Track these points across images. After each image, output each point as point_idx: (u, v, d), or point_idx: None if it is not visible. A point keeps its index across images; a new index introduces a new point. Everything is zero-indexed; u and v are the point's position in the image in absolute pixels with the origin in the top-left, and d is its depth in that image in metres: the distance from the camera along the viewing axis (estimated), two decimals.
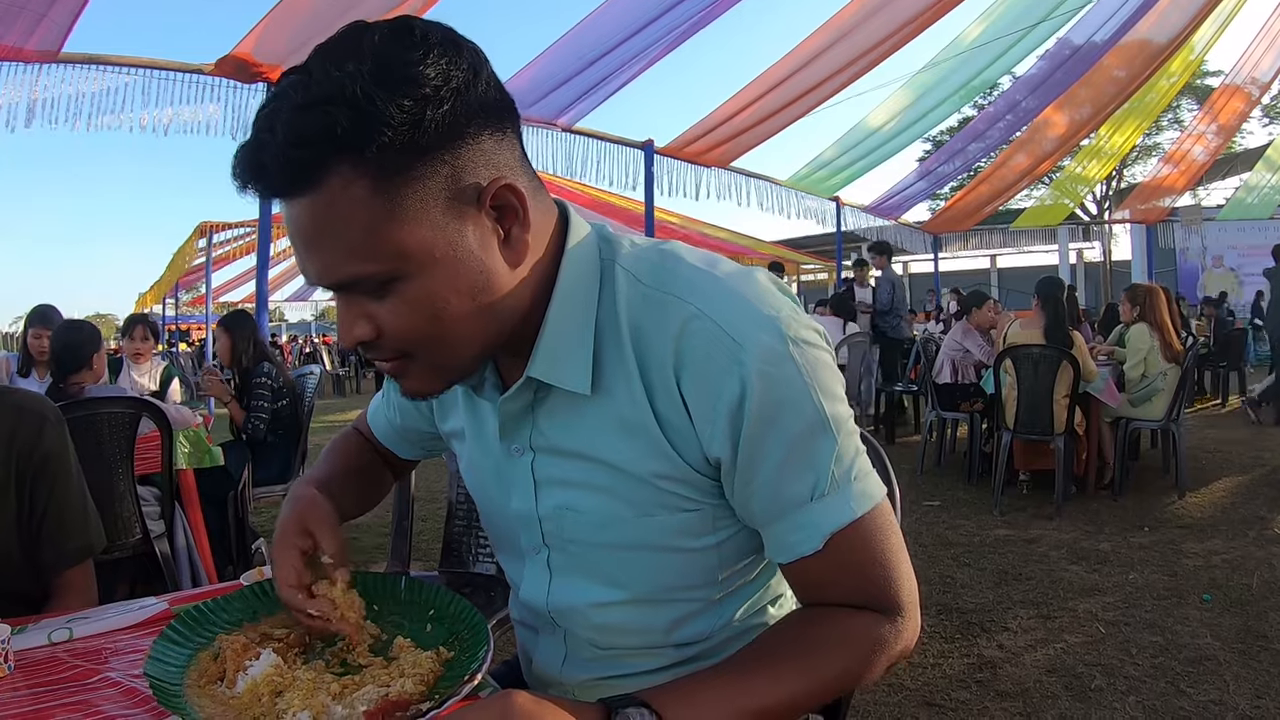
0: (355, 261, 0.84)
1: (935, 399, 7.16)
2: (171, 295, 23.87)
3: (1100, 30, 10.24)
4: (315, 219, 0.83)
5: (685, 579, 1.06)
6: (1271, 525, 5.23)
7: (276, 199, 0.84)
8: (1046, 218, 18.61)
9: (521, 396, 1.01)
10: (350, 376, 19.84)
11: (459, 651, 1.04)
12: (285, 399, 4.95)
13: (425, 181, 0.83)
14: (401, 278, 0.85)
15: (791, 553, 0.97)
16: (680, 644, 1.10)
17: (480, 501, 1.21)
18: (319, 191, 0.81)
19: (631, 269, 0.99)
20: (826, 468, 0.94)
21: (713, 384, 0.91)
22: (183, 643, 1.06)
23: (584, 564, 1.07)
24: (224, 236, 16.23)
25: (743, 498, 0.98)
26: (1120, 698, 3.08)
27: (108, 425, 3.35)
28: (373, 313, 0.88)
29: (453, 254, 0.86)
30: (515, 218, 0.90)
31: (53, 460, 1.63)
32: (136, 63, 6.05)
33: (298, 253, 0.87)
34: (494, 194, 0.87)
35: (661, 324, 0.94)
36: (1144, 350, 6.22)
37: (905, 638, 0.99)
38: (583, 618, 1.10)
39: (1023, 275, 24.30)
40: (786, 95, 9.10)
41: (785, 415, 0.92)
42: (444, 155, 0.84)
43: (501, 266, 0.91)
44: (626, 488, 1.00)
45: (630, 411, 0.96)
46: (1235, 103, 14.44)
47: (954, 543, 5.08)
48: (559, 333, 0.96)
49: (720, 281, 0.96)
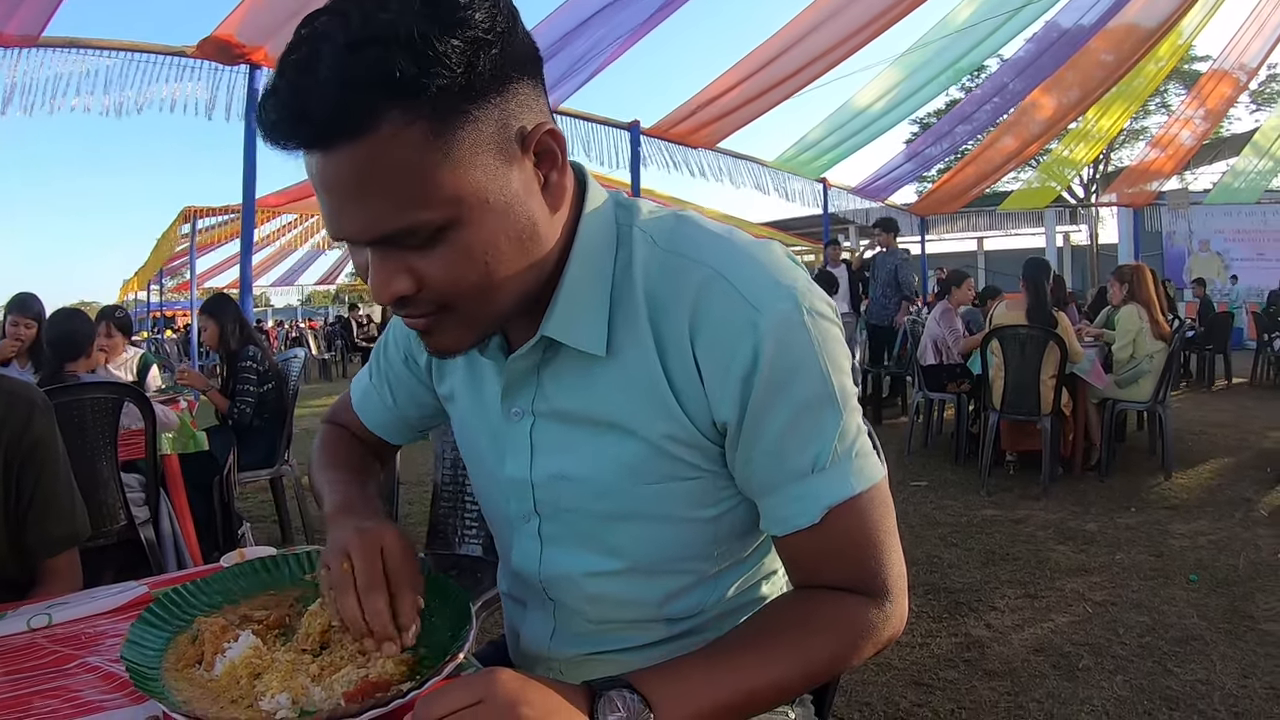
0: (409, 211, 0.80)
1: (922, 380, 7.18)
2: (156, 281, 23.74)
3: (1088, 13, 10.23)
4: (362, 168, 0.78)
5: (682, 550, 1.05)
6: (1257, 506, 5.27)
7: (315, 149, 0.79)
8: (1033, 200, 18.66)
9: (531, 356, 0.99)
10: (336, 361, 19.77)
11: (441, 631, 1.02)
12: (271, 383, 4.92)
13: (478, 126, 0.80)
14: (454, 225, 0.82)
15: (788, 524, 0.96)
16: (672, 618, 1.09)
17: (471, 465, 1.19)
18: (369, 138, 0.76)
19: (649, 231, 0.99)
20: (830, 441, 0.93)
21: (727, 346, 0.91)
22: (161, 626, 1.04)
23: (577, 533, 1.06)
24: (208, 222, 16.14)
25: (745, 464, 0.97)
26: (1108, 677, 3.09)
27: (91, 411, 3.32)
28: (415, 265, 0.84)
29: (504, 199, 0.84)
30: (554, 163, 0.90)
31: (41, 447, 1.63)
32: (117, 46, 5.99)
33: (334, 207, 0.82)
34: (537, 139, 0.86)
35: (678, 286, 0.94)
36: (1133, 331, 6.23)
37: (893, 624, 0.98)
38: (575, 588, 1.09)
39: (1010, 258, 24.31)
40: (774, 76, 9.07)
41: (795, 382, 0.91)
42: (493, 99, 0.81)
43: (544, 213, 0.90)
44: (630, 452, 0.98)
45: (642, 373, 0.95)
46: (1223, 88, 14.46)
47: (941, 523, 5.10)
48: (575, 292, 0.95)
49: (739, 247, 0.95)
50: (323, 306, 41.92)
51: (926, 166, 15.98)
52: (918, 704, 2.96)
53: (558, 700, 0.80)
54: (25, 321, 4.67)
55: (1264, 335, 12.05)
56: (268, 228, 14.36)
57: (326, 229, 0.87)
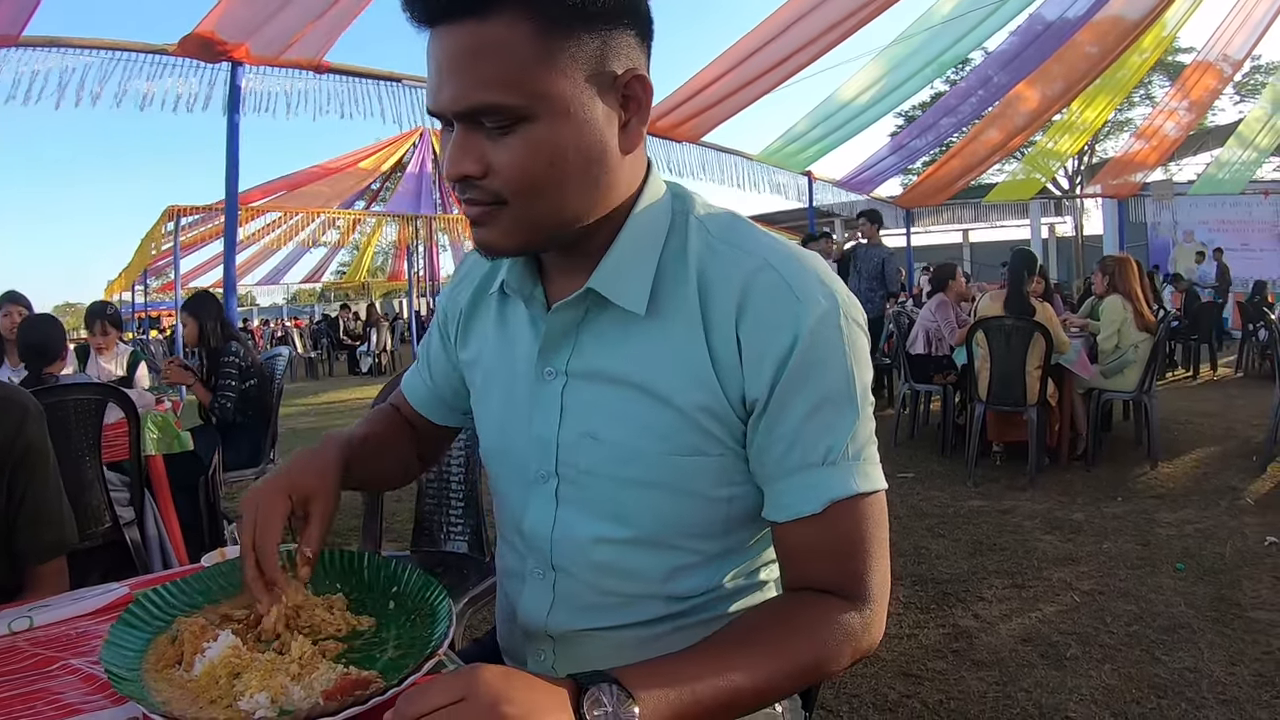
0: (498, 90, 0.89)
1: (908, 371, 7.19)
2: (140, 282, 23.60)
3: (1073, 6, 10.24)
4: (474, 44, 0.89)
5: (692, 526, 1.08)
6: (1243, 495, 5.30)
7: (440, 21, 0.91)
8: (1019, 192, 18.70)
9: (575, 308, 1.05)
10: (322, 359, 19.71)
11: (422, 627, 1.02)
12: (253, 379, 4.90)
13: (580, 46, 0.91)
14: (533, 119, 0.91)
15: (790, 511, 1.01)
16: (672, 596, 1.10)
17: (492, 427, 1.21)
18: (487, 20, 0.88)
19: (705, 222, 1.07)
20: (843, 438, 0.99)
21: (769, 330, 0.97)
22: (141, 627, 1.03)
23: (593, 497, 1.08)
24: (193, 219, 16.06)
25: (762, 445, 1.01)
26: (1096, 666, 3.10)
27: (75, 412, 3.30)
28: (487, 151, 0.93)
29: (583, 115, 0.93)
30: (636, 110, 0.99)
31: (32, 453, 1.63)
32: (99, 44, 5.97)
33: (439, 76, 0.92)
34: (627, 82, 0.96)
35: (729, 270, 1.01)
36: (1118, 322, 6.26)
37: (873, 632, 1.01)
38: (582, 555, 1.10)
39: (995, 249, 24.46)
40: (757, 68, 9.05)
41: (822, 373, 0.98)
42: (600, 30, 0.92)
43: (615, 147, 0.98)
44: (662, 419, 1.02)
45: (685, 342, 1.01)
46: (1207, 79, 14.47)
47: (928, 514, 5.12)
48: (625, 253, 1.03)
49: (790, 248, 1.03)
50: (308, 305, 41.82)
51: (912, 159, 16.02)
52: (906, 695, 2.97)
53: (541, 696, 0.79)
54: (18, 310, 4.76)
55: (1249, 325, 12.08)
56: (252, 226, 14.28)
57: (426, 101, 0.97)
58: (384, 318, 20.94)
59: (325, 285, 37.61)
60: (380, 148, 18.68)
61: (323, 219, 15.29)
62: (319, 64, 6.81)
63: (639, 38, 0.97)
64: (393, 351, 18.92)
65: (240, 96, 6.43)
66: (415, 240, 17.80)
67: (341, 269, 34.56)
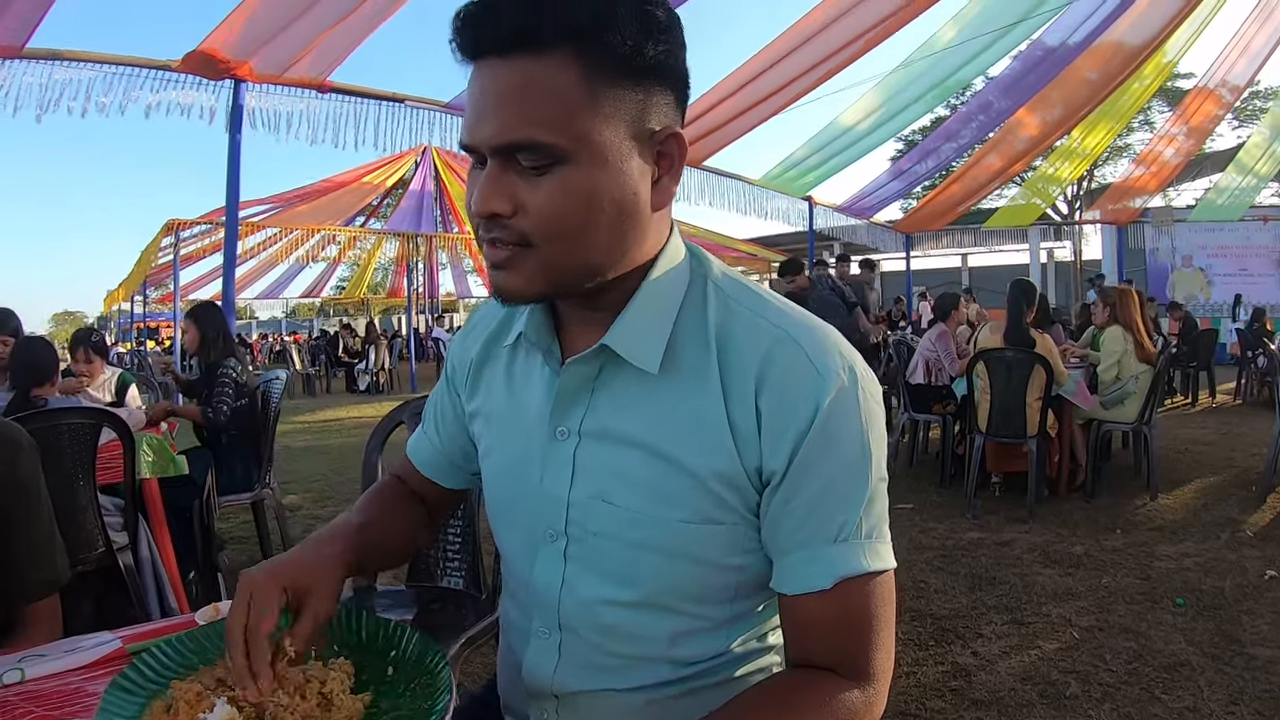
0: (544, 129, 0.89)
1: (908, 400, 7.17)
2: (140, 293, 23.64)
3: (1074, 33, 10.29)
4: (524, 80, 0.89)
5: (699, 592, 1.06)
6: (1243, 527, 5.28)
7: (491, 54, 0.90)
8: (1018, 218, 18.76)
9: (589, 364, 1.04)
10: (320, 376, 19.67)
11: (420, 698, 1.00)
12: (244, 399, 4.86)
13: (623, 98, 0.92)
14: (571, 162, 0.90)
15: (800, 585, 0.99)
16: (677, 660, 1.08)
17: (500, 480, 1.18)
18: (537, 60, 0.88)
19: (722, 286, 1.07)
20: (856, 513, 0.98)
21: (790, 404, 0.97)
22: (136, 691, 1.01)
23: (602, 558, 1.06)
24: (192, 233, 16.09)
25: (776, 517, 1.00)
26: (1095, 705, 3.08)
27: (68, 436, 3.28)
28: (519, 190, 0.92)
29: (620, 165, 0.93)
30: (669, 168, 0.99)
31: (25, 490, 1.60)
32: (102, 59, 5.98)
33: (481, 110, 0.92)
34: (664, 139, 0.97)
35: (749, 338, 1.01)
36: (1118, 353, 6.26)
37: (874, 712, 1.00)
38: (590, 615, 1.08)
39: (994, 274, 24.47)
40: (757, 93, 9.09)
41: (839, 447, 0.97)
42: (645, 86, 0.94)
43: (647, 202, 0.98)
44: (675, 484, 1.01)
45: (704, 405, 1.00)
46: (1208, 106, 14.52)
47: (927, 546, 5.09)
48: (642, 311, 1.02)
49: (808, 320, 1.03)
50: (307, 319, 41.84)
51: (912, 184, 16.06)
52: None
53: None
54: (3, 339, 4.63)
55: (1247, 352, 12.10)
56: (252, 240, 14.31)
57: (461, 135, 0.96)
58: (383, 334, 20.91)
59: (325, 300, 37.63)
60: (384, 163, 18.76)
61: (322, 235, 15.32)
62: (323, 83, 6.81)
63: (677, 99, 0.99)
64: (391, 370, 18.89)
65: (242, 114, 6.44)
66: (415, 257, 17.83)
67: (341, 284, 34.60)
